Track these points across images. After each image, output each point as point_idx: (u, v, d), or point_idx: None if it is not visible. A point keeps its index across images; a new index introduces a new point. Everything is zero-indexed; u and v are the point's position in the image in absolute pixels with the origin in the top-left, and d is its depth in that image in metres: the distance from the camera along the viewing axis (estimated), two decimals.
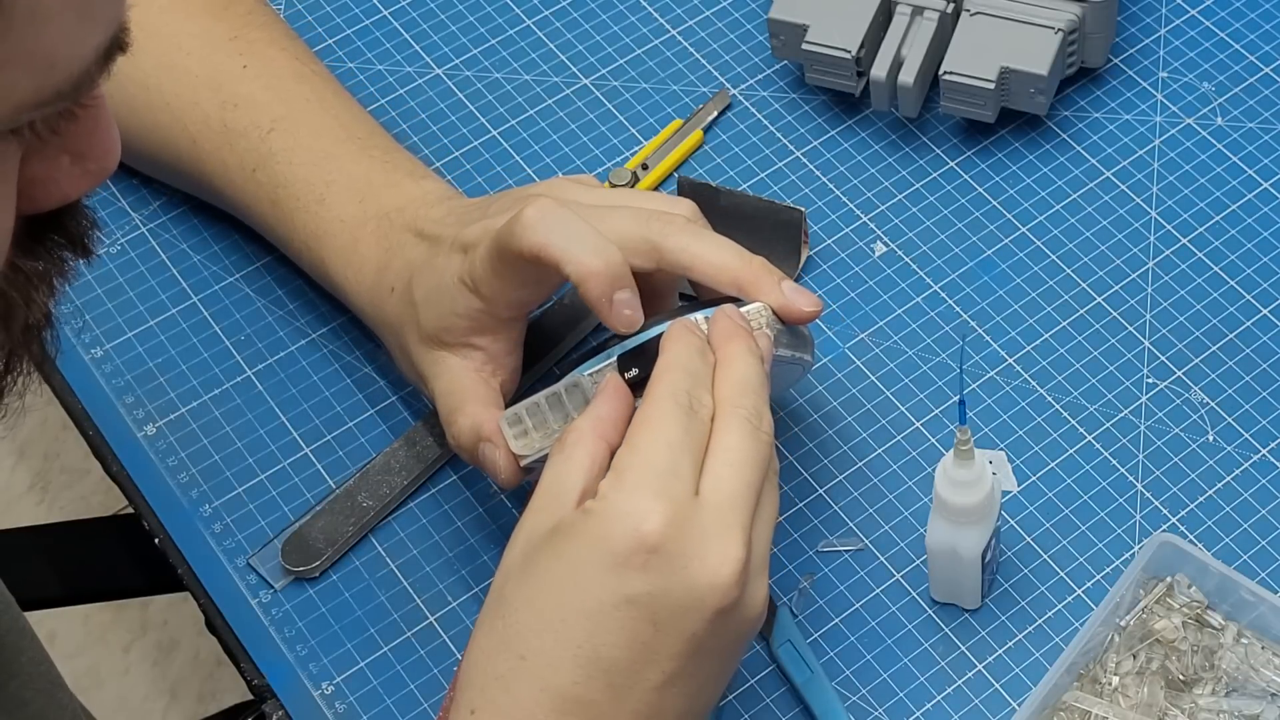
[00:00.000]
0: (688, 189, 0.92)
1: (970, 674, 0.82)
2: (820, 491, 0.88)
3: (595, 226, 0.77)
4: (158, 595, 1.17)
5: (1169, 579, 0.81)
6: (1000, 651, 0.83)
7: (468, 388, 0.81)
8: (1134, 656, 0.80)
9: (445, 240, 0.82)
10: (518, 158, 1.00)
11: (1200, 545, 0.84)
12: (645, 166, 0.96)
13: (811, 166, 0.98)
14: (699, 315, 0.75)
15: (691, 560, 0.67)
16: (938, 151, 0.99)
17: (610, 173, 0.96)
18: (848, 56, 0.96)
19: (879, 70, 0.95)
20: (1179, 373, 0.90)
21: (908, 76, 0.95)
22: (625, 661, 0.67)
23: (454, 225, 0.83)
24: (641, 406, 0.71)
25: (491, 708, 0.68)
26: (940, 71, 0.95)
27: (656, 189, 0.98)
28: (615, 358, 0.75)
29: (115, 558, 1.12)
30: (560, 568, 0.67)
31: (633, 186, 0.94)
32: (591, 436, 0.71)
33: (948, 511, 0.78)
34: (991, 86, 0.94)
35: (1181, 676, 0.79)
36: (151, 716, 1.71)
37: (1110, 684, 0.79)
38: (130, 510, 0.91)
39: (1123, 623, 0.81)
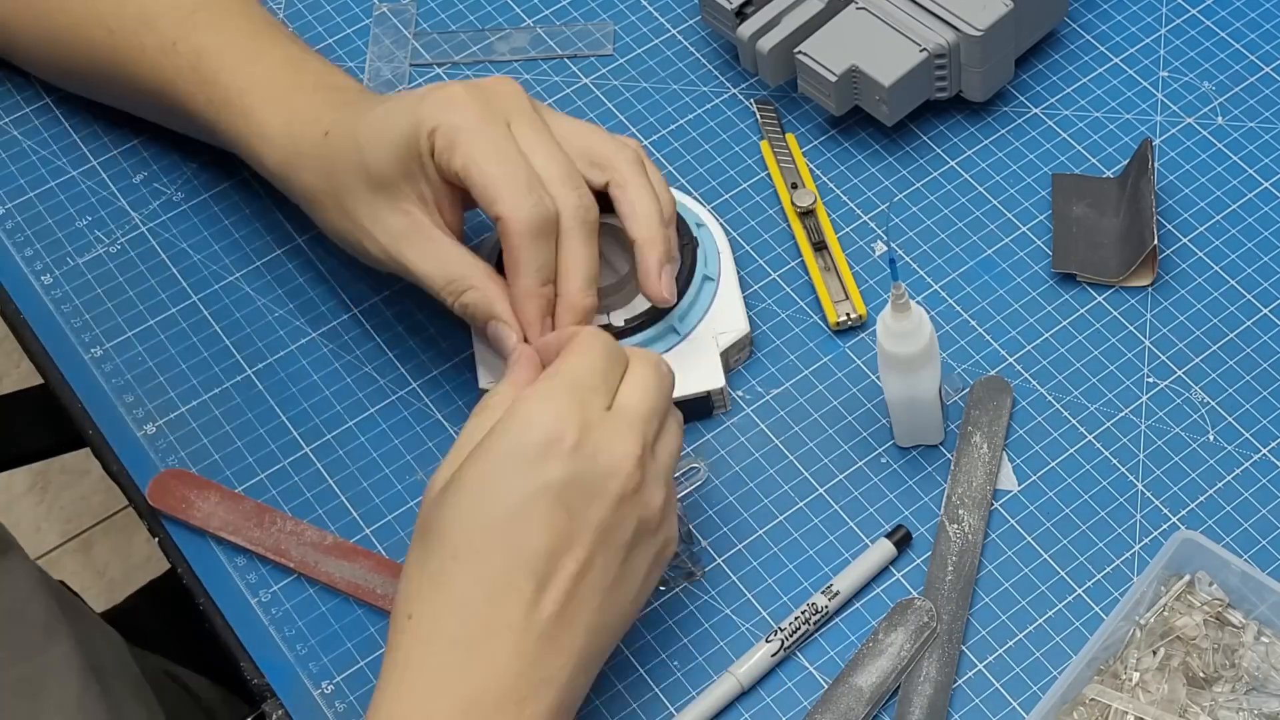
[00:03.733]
0: None
1: (971, 674, 0.82)
2: (837, 480, 0.88)
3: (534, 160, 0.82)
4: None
5: (1189, 576, 0.82)
6: (1000, 651, 0.83)
7: (460, 254, 0.84)
8: (1154, 653, 0.80)
9: (399, 93, 0.85)
10: None
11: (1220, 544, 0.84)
12: (795, 185, 0.96)
13: (812, 166, 0.98)
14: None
15: (599, 453, 0.75)
16: (938, 151, 0.99)
17: (796, 194, 0.96)
18: (729, 6, 0.98)
19: (745, 30, 0.97)
20: (1179, 372, 0.90)
21: (766, 44, 0.97)
22: (545, 548, 0.74)
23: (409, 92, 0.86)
24: (570, 343, 0.79)
25: (428, 607, 0.74)
26: (796, 50, 0.96)
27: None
28: None
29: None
30: (483, 470, 0.74)
31: (813, 207, 0.95)
32: (511, 400, 0.77)
33: (897, 363, 0.82)
34: (834, 79, 0.95)
35: (1202, 674, 0.79)
36: None
37: (1131, 680, 0.79)
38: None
39: (1143, 620, 0.81)
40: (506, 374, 0.80)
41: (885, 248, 0.95)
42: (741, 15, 0.98)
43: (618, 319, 0.88)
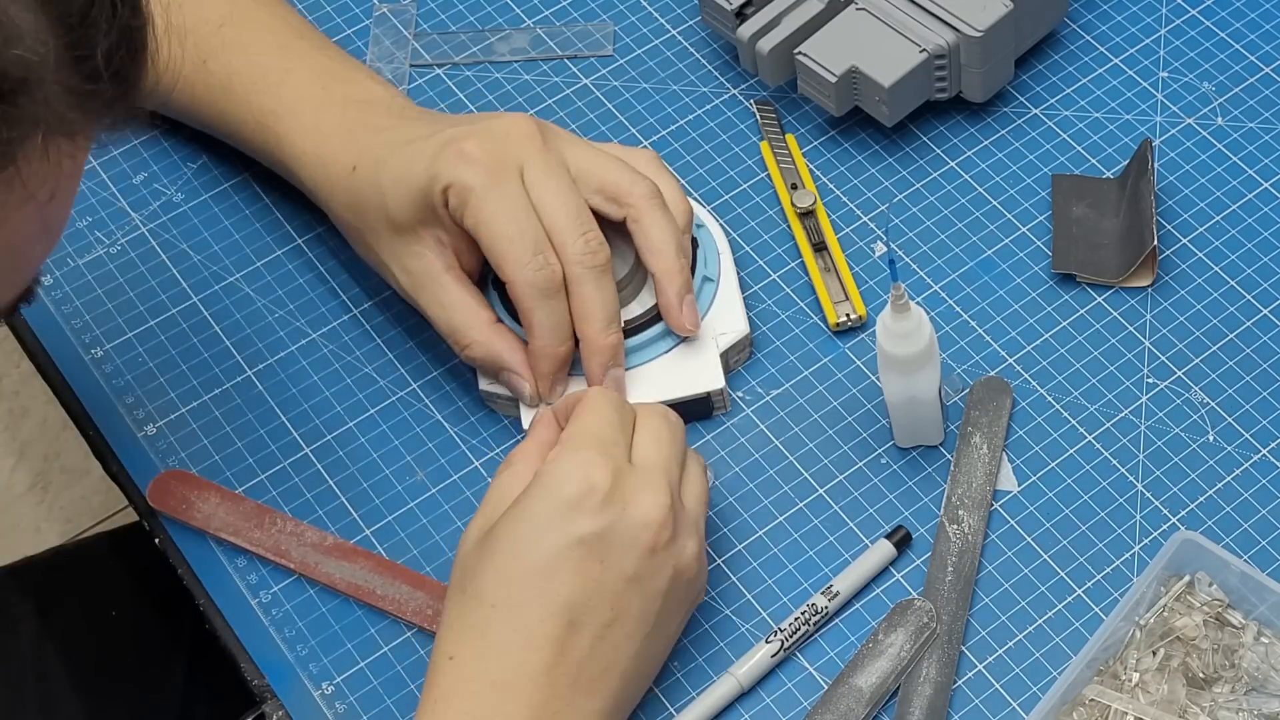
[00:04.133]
0: None
1: (971, 674, 0.82)
2: (837, 481, 0.88)
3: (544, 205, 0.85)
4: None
5: (1189, 576, 0.82)
6: (1000, 651, 0.83)
7: (464, 303, 0.87)
8: (1154, 653, 0.80)
9: (423, 126, 0.87)
10: None
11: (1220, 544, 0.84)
12: (795, 186, 0.96)
13: (812, 166, 0.98)
14: None
15: (629, 505, 0.77)
16: (938, 151, 0.99)
17: (796, 195, 0.96)
18: (729, 7, 0.97)
19: (745, 31, 0.97)
20: (1179, 373, 0.90)
21: (766, 45, 0.96)
22: (580, 598, 0.76)
23: (435, 119, 0.88)
24: (583, 401, 0.81)
25: (469, 651, 0.77)
26: (795, 50, 0.96)
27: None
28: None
29: None
30: (518, 527, 0.77)
31: (813, 207, 0.95)
32: (535, 457, 0.81)
33: (897, 364, 0.82)
34: (834, 80, 0.95)
35: (1202, 674, 0.79)
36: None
37: (1131, 680, 0.79)
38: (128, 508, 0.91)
39: (1143, 620, 0.81)
40: (529, 434, 0.83)
41: (885, 248, 0.95)
42: (741, 16, 0.98)
43: (622, 316, 0.88)
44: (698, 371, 0.89)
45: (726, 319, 0.90)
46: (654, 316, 0.89)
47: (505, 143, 0.85)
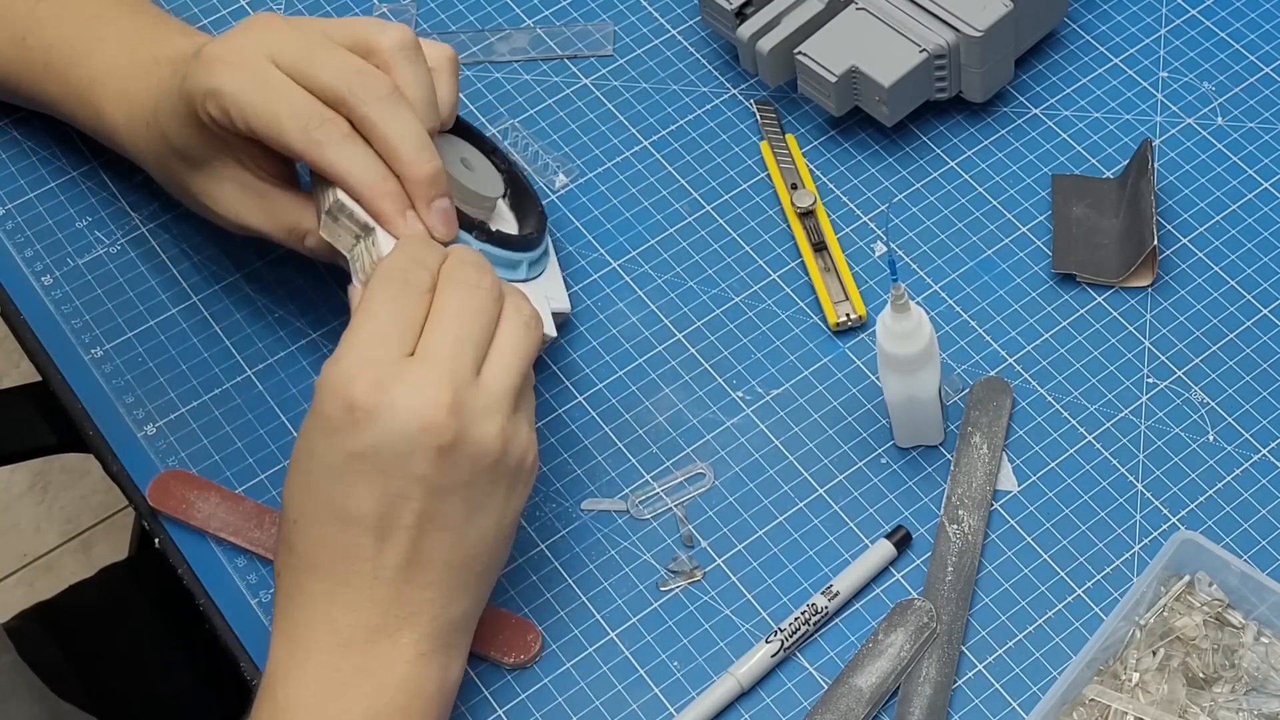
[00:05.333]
0: None
1: (971, 674, 0.82)
2: (837, 481, 0.88)
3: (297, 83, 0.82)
4: None
5: (1189, 576, 0.82)
6: (1000, 651, 0.83)
7: (291, 203, 0.86)
8: (1154, 653, 0.80)
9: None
10: (518, 157, 1.00)
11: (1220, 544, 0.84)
12: (795, 186, 0.96)
13: (812, 166, 0.98)
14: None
15: (399, 410, 0.75)
16: (938, 151, 0.99)
17: (796, 195, 0.96)
18: (729, 7, 0.97)
19: (745, 31, 0.97)
20: (1179, 373, 0.90)
21: (766, 45, 0.96)
22: (374, 510, 0.76)
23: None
24: (369, 286, 0.78)
25: (285, 567, 0.78)
26: (795, 50, 0.96)
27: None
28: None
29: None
30: (301, 445, 0.77)
31: (813, 207, 0.95)
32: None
33: (897, 364, 0.82)
34: (834, 79, 0.95)
35: (1202, 674, 0.79)
36: None
37: (1131, 680, 0.79)
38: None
39: (1143, 620, 0.81)
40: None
41: (885, 248, 0.95)
42: (741, 16, 0.98)
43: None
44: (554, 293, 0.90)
45: (553, 289, 0.91)
46: (507, 243, 0.88)
47: (247, 35, 0.83)
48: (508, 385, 0.78)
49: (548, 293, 0.89)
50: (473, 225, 0.85)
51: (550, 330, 0.85)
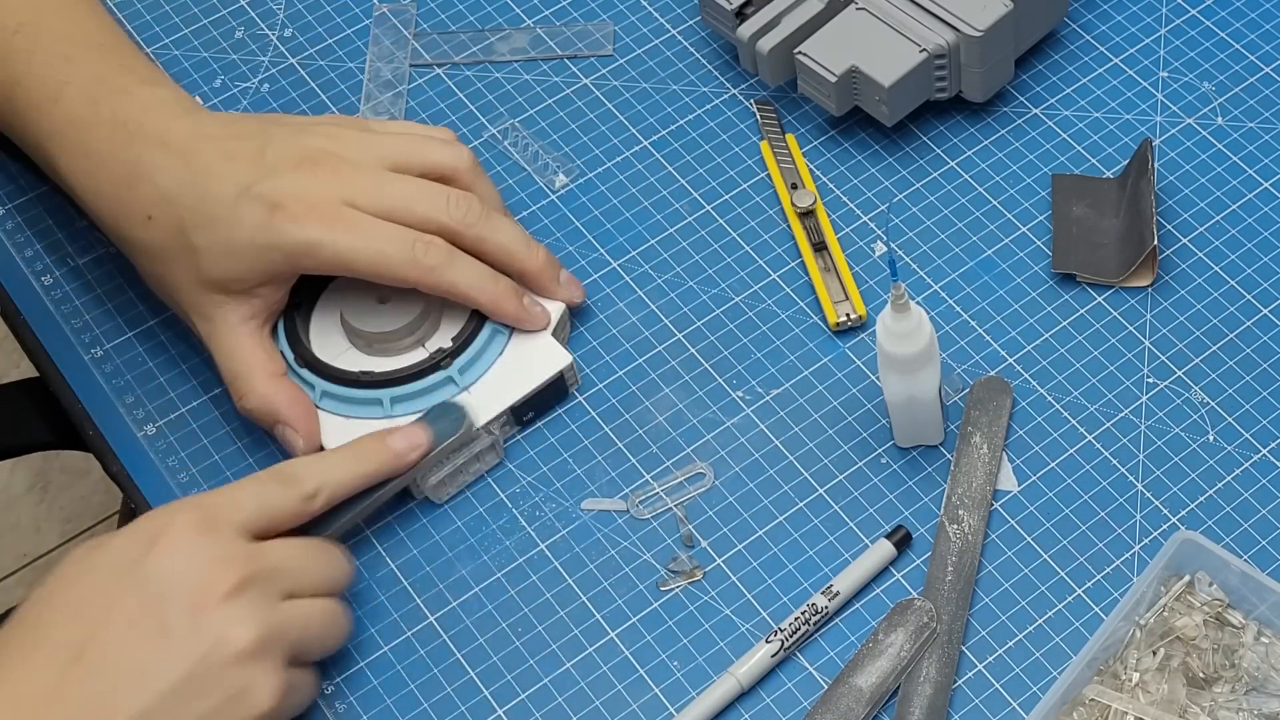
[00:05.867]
0: None
1: (971, 674, 0.82)
2: (837, 480, 0.88)
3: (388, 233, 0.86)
4: None
5: (1189, 576, 0.82)
6: (1000, 651, 0.83)
7: (251, 354, 0.87)
8: (1154, 653, 0.80)
9: (229, 182, 0.85)
10: (517, 157, 1.00)
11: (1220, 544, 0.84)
12: (795, 186, 0.96)
13: (812, 166, 0.98)
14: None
15: (212, 633, 0.75)
16: (938, 151, 0.99)
17: (796, 195, 0.96)
18: (729, 7, 0.97)
19: (745, 31, 0.97)
20: (1179, 373, 0.90)
21: (766, 45, 0.97)
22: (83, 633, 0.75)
23: (232, 161, 0.86)
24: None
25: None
26: (795, 50, 0.96)
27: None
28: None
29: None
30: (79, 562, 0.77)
31: (813, 207, 0.95)
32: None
33: (897, 364, 0.82)
34: (834, 79, 0.95)
35: (1202, 674, 0.79)
36: None
37: (1131, 680, 0.79)
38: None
39: (1143, 620, 0.81)
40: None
41: (885, 248, 0.95)
42: (741, 16, 0.98)
43: (434, 346, 0.89)
44: (541, 358, 0.90)
45: (543, 300, 0.91)
46: (470, 333, 0.89)
47: (314, 182, 0.86)
48: (288, 643, 0.77)
49: (493, 391, 0.89)
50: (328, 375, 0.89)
51: (565, 359, 0.90)
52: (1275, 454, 0.87)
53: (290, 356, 0.89)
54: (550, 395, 0.90)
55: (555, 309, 0.91)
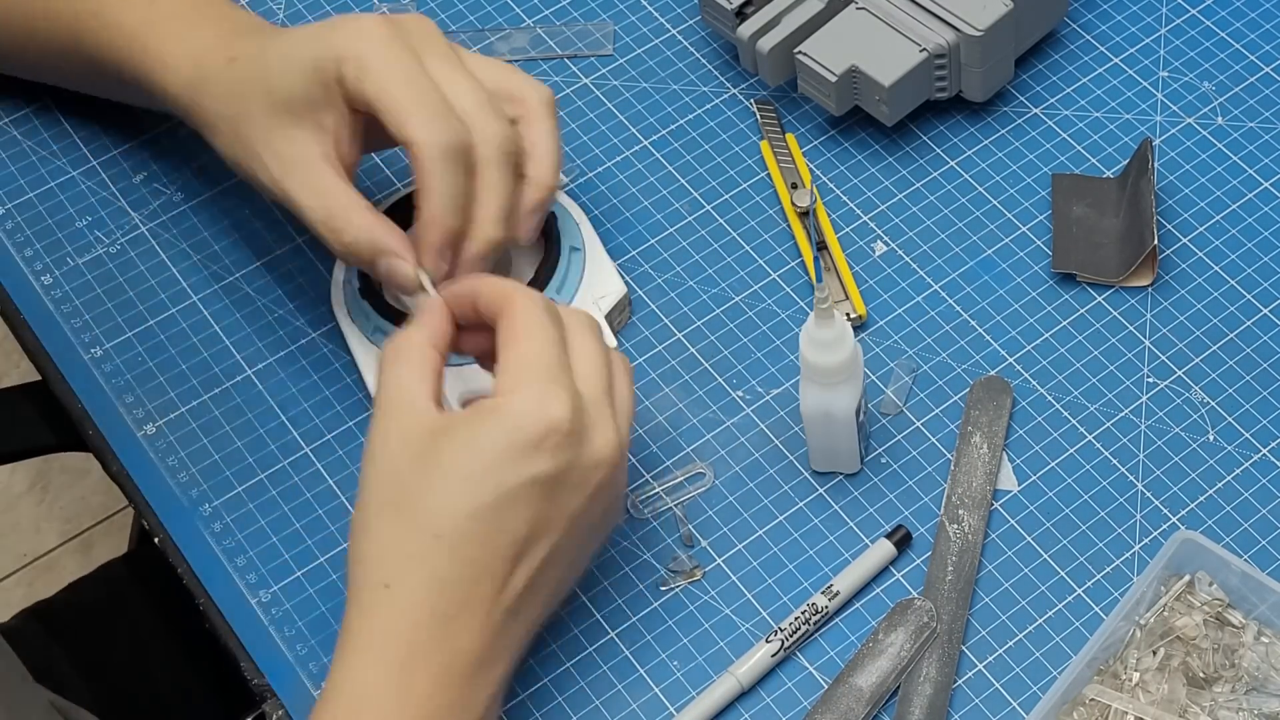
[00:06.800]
0: None
1: (971, 674, 0.82)
2: (837, 480, 0.88)
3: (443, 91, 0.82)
4: None
5: (1189, 576, 0.82)
6: (1000, 651, 0.83)
7: (340, 189, 0.83)
8: (1154, 653, 0.80)
9: (304, 24, 0.85)
10: None
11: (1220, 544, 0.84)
12: (795, 186, 0.96)
13: (812, 166, 0.98)
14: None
15: (585, 443, 0.76)
16: (938, 151, 0.99)
17: (795, 194, 0.96)
18: (729, 7, 0.97)
19: (745, 30, 0.97)
20: (1179, 372, 0.90)
21: (766, 45, 0.97)
22: (524, 534, 0.75)
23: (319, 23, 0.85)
24: (513, 316, 0.78)
25: (408, 581, 0.75)
26: (795, 50, 0.96)
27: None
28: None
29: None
30: (473, 459, 0.75)
31: (812, 205, 0.95)
32: (424, 346, 0.78)
33: (816, 374, 0.81)
34: (834, 79, 0.95)
35: (1202, 674, 0.79)
36: None
37: (1131, 680, 0.79)
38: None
39: (1143, 620, 0.81)
40: (416, 320, 0.80)
41: (885, 247, 0.95)
42: (741, 15, 0.98)
43: None
44: None
45: (603, 283, 0.91)
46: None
47: (405, 29, 0.83)
48: (629, 435, 0.80)
49: (595, 295, 0.91)
50: None
51: (610, 344, 0.87)
52: (1275, 454, 0.87)
53: (357, 285, 0.90)
54: None
55: (614, 294, 0.91)
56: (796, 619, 0.82)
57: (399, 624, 0.75)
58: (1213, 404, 0.89)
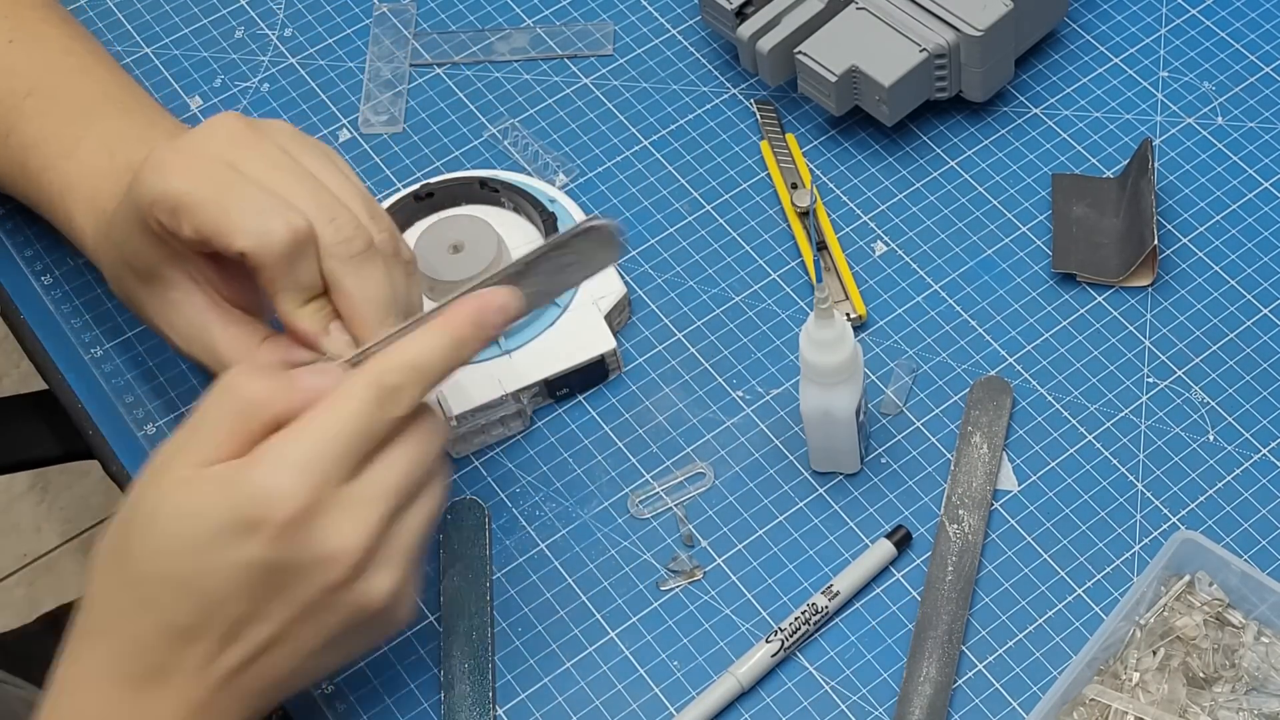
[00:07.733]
0: None
1: (971, 673, 0.82)
2: (837, 480, 0.88)
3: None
4: None
5: (1189, 576, 0.82)
6: (1000, 651, 0.83)
7: (235, 337, 0.79)
8: (1154, 653, 0.80)
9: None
10: (517, 157, 1.00)
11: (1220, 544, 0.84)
12: (795, 186, 0.96)
13: (812, 166, 0.98)
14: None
15: (314, 541, 0.69)
16: (938, 151, 0.99)
17: (795, 194, 0.96)
18: (729, 7, 0.97)
19: (745, 30, 0.97)
20: (1179, 372, 0.90)
21: (766, 44, 0.97)
22: (238, 612, 0.69)
23: None
24: (331, 394, 0.70)
25: (110, 633, 0.71)
26: (795, 50, 0.96)
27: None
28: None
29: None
30: (187, 525, 0.69)
31: (812, 206, 0.95)
32: (253, 394, 0.71)
33: (816, 374, 0.81)
34: (834, 79, 0.95)
35: (1202, 674, 0.79)
36: None
37: (1131, 680, 0.79)
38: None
39: (1143, 620, 0.81)
40: (256, 355, 0.77)
41: (885, 247, 0.95)
42: (741, 15, 0.98)
43: None
44: (587, 337, 0.90)
45: (603, 283, 0.92)
46: None
47: (209, 142, 0.76)
48: (411, 544, 0.72)
49: (595, 296, 0.91)
50: None
51: (610, 344, 0.89)
52: (1275, 454, 0.87)
53: None
54: (589, 376, 0.90)
55: (613, 294, 0.91)
56: (796, 619, 0.82)
57: (98, 679, 0.71)
58: (1213, 404, 0.89)
